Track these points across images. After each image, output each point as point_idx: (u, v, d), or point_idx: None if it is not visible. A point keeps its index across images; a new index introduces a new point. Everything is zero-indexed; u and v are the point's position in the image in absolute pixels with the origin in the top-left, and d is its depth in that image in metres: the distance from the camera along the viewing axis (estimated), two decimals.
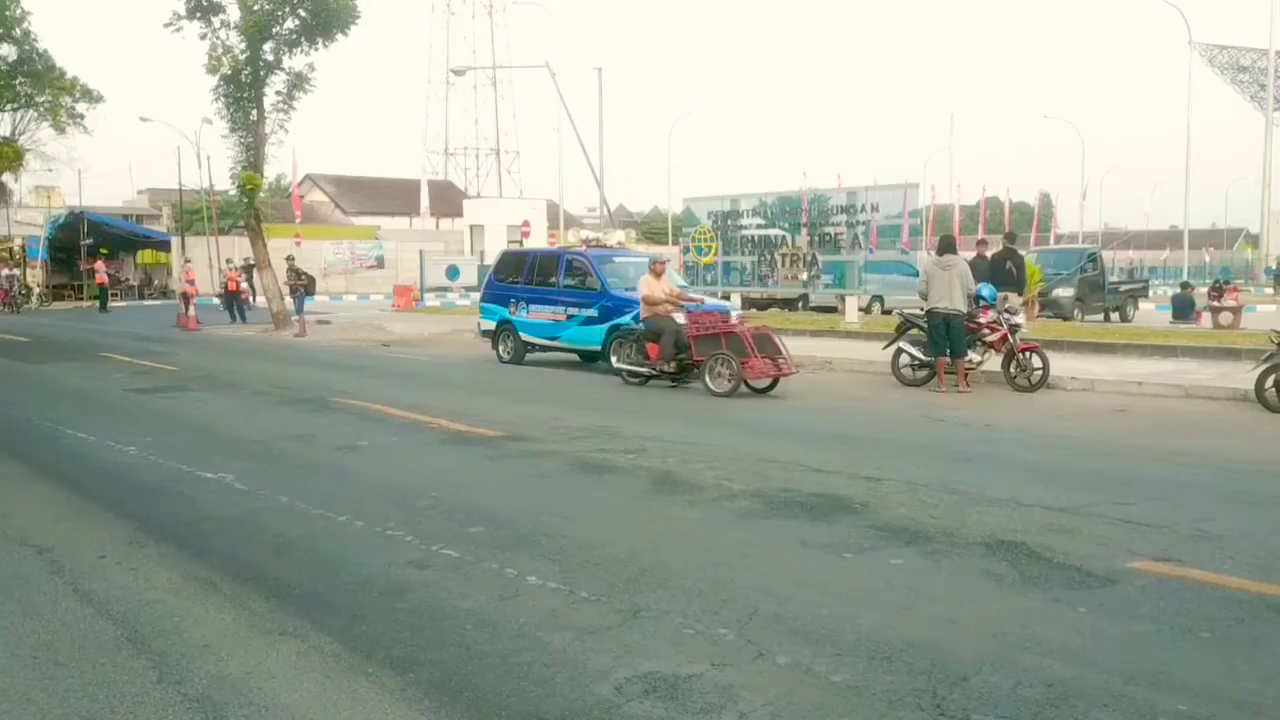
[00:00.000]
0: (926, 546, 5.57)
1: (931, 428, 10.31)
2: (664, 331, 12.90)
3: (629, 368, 13.49)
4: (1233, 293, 24.25)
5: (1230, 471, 7.90)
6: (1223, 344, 15.78)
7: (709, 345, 12.48)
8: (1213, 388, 12.34)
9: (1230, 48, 54.62)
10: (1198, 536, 5.72)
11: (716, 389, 12.24)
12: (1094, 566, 5.12)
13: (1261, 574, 5.01)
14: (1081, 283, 24.73)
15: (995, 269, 14.64)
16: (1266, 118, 48.65)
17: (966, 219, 63.64)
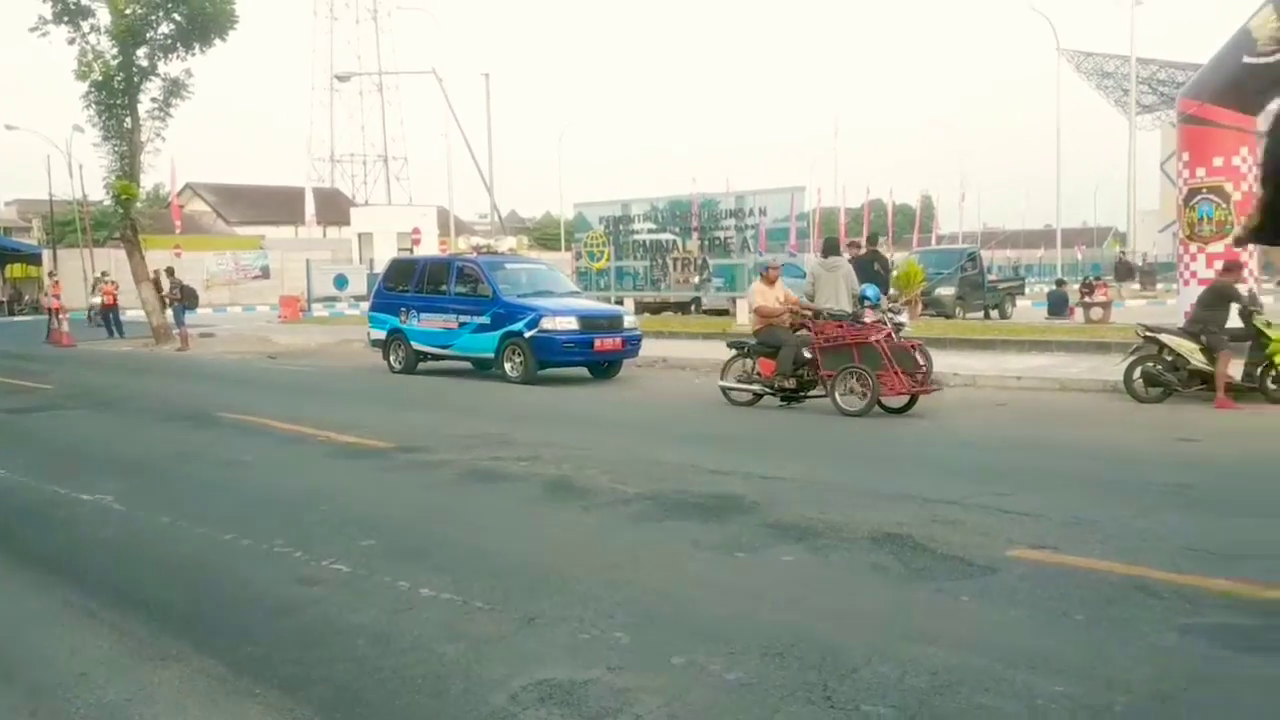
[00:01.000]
0: (816, 542, 5.68)
1: (821, 425, 10.52)
2: (783, 344, 11.55)
3: (737, 386, 11.97)
4: (1103, 289, 25.36)
5: (1102, 460, 8.26)
6: (1094, 338, 16.49)
7: (838, 358, 11.09)
8: (1085, 380, 12.89)
9: (1095, 54, 56.98)
10: (1072, 523, 5.97)
11: (848, 407, 10.82)
12: (976, 556, 5.29)
13: (1131, 557, 5.24)
14: (962, 282, 25.55)
15: (862, 270, 15.02)
16: (1130, 121, 50.89)
17: (852, 221, 65.07)
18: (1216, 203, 15.16)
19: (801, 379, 11.53)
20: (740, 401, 11.84)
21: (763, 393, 11.72)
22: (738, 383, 11.94)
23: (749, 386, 11.83)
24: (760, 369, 11.77)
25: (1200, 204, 15.27)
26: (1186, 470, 7.69)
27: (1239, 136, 15.40)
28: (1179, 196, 15.74)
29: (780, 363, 11.46)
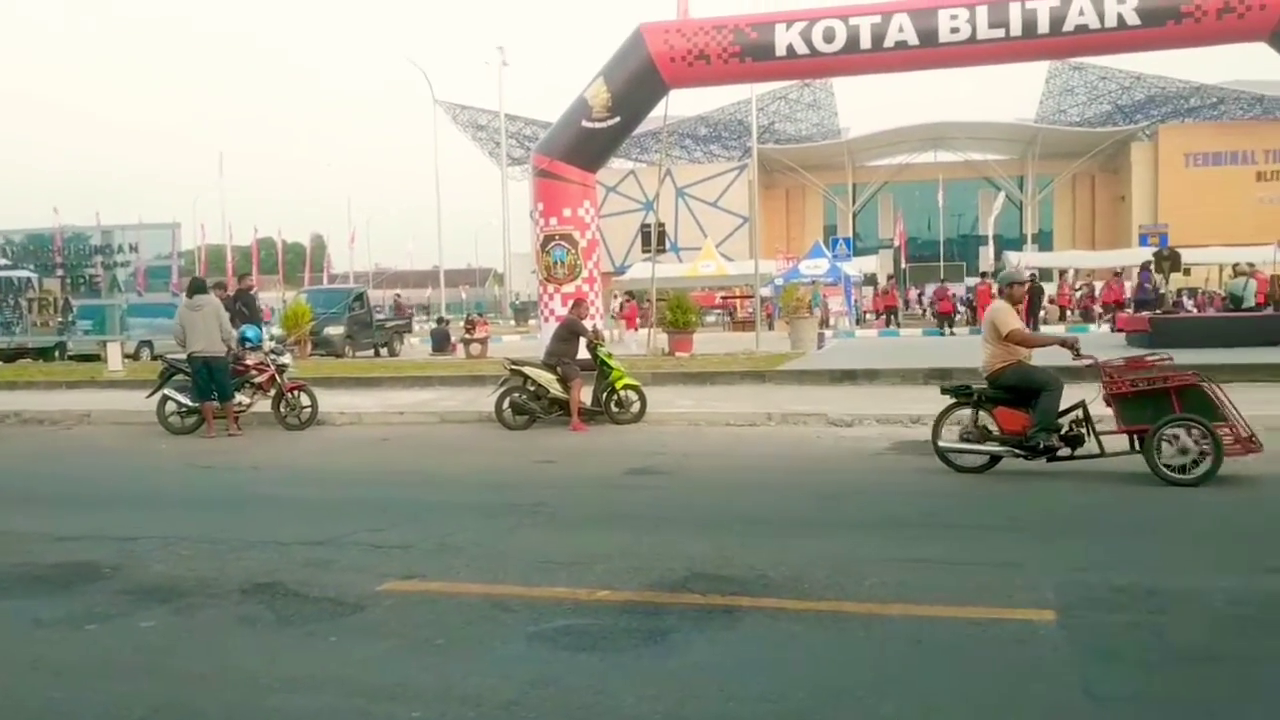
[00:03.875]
0: (181, 602, 5.32)
1: (198, 476, 9.94)
2: (1048, 386, 8.51)
3: (966, 447, 8.76)
4: (483, 326, 27.17)
5: (473, 487, 8.82)
6: (472, 372, 17.56)
7: (1146, 407, 8.25)
8: (463, 412, 13.67)
9: (470, 108, 61.17)
10: (441, 550, 6.27)
11: (1176, 475, 7.84)
12: (347, 595, 5.32)
13: (490, 576, 5.63)
14: (351, 320, 25.80)
15: (229, 309, 14.66)
16: (502, 171, 55.50)
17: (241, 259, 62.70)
18: (568, 248, 17.02)
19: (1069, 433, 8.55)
20: (969, 467, 8.70)
21: (1004, 453, 8.61)
22: (964, 442, 8.81)
23: (984, 448, 8.68)
24: (999, 422, 8.69)
25: (554, 249, 17.04)
26: (544, 489, 8.48)
27: (583, 190, 17.49)
28: (536, 242, 17.45)
29: (1045, 412, 8.40)
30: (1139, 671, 4.06)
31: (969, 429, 8.81)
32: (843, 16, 15.85)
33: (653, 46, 16.60)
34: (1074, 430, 8.46)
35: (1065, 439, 8.46)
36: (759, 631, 4.63)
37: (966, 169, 60.81)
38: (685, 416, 12.82)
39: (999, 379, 8.66)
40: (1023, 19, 15.18)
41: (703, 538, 6.43)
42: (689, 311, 21.78)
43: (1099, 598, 4.97)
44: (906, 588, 5.22)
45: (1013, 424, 8.54)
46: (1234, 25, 14.85)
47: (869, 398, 13.84)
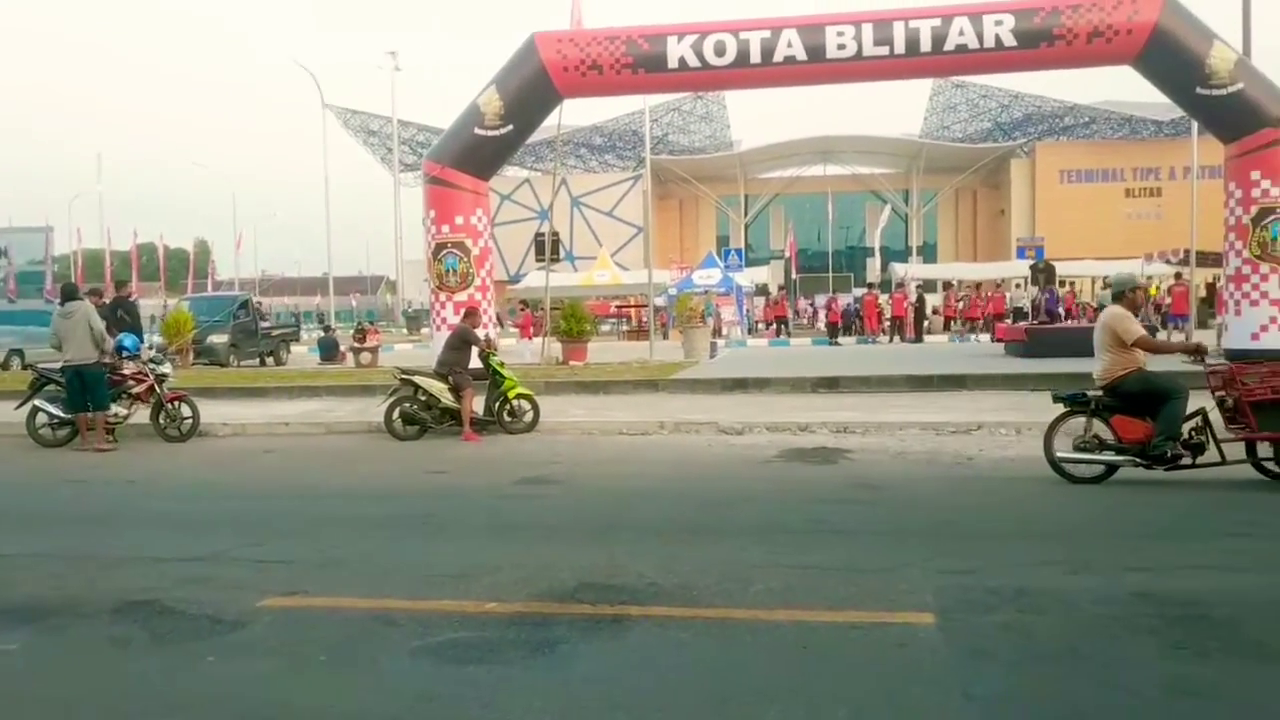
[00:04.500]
0: (48, 623, 5.09)
1: (70, 491, 9.53)
2: (1174, 392, 8.22)
3: (1084, 457, 8.44)
4: (374, 334, 26.69)
5: (358, 498, 8.65)
6: (362, 382, 17.26)
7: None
8: (351, 422, 13.41)
9: (361, 113, 60.17)
10: (324, 565, 6.13)
11: None
12: (226, 612, 5.16)
13: (375, 591, 5.53)
14: (235, 329, 25.08)
15: (108, 317, 14.15)
16: (394, 178, 54.69)
17: (120, 265, 60.52)
18: (460, 256, 16.86)
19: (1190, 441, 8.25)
20: (1084, 477, 8.43)
21: (1124, 463, 8.36)
22: (1080, 452, 8.47)
23: (1105, 458, 8.39)
24: (1117, 431, 8.40)
25: (446, 257, 16.87)
26: (433, 500, 8.39)
27: (476, 198, 17.35)
28: (428, 250, 17.24)
29: (1171, 420, 8.14)
30: (1010, 671, 4.20)
31: (1084, 438, 8.50)
32: (733, 31, 16.08)
33: (545, 55, 16.58)
34: (1194, 438, 8.22)
35: (1187, 446, 8.20)
36: (647, 640, 4.65)
37: (854, 182, 62.25)
38: (578, 425, 12.81)
39: (1120, 386, 8.37)
40: (906, 37, 15.63)
41: (593, 547, 6.43)
42: (583, 320, 21.78)
43: (975, 599, 5.13)
44: (793, 593, 5.30)
45: (1132, 432, 8.29)
46: (1103, 49, 15.53)
47: (759, 406, 14.04)
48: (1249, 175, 15.70)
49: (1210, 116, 16.48)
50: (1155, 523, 7.10)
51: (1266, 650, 4.36)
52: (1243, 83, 15.41)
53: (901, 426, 11.93)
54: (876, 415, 12.59)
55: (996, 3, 15.84)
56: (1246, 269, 15.86)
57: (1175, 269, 30.98)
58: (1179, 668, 4.19)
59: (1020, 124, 58.28)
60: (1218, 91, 15.42)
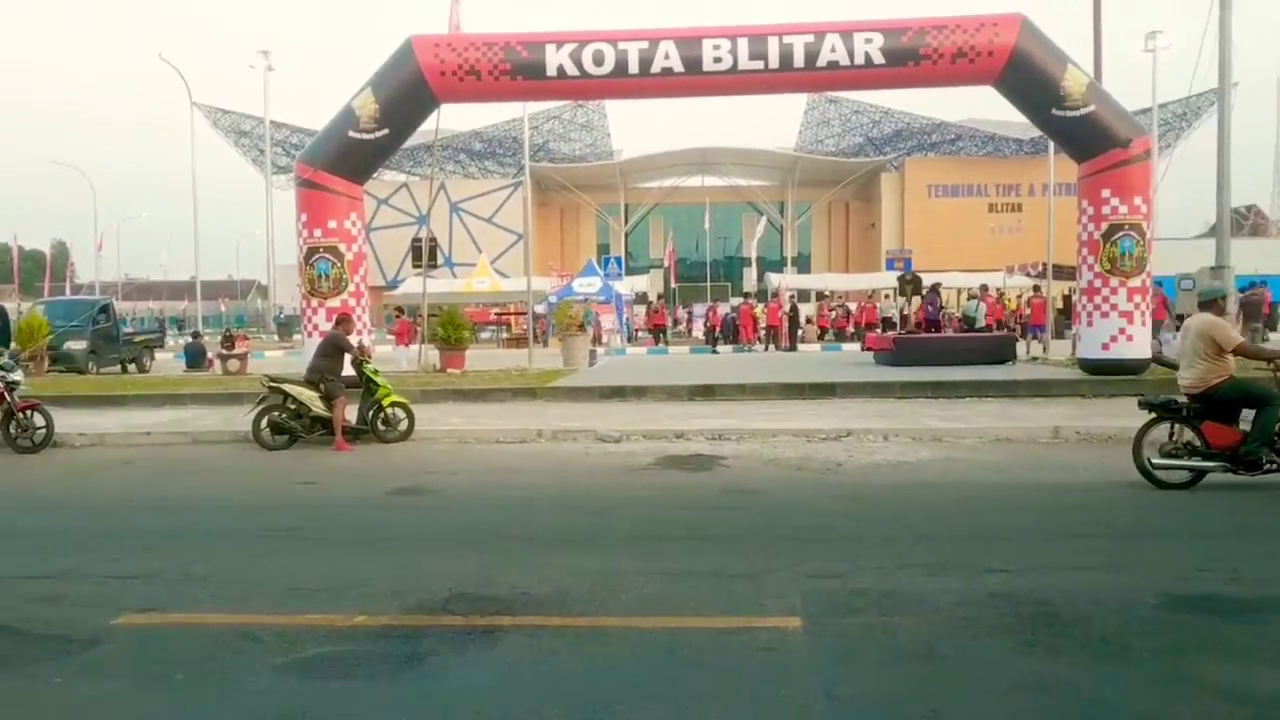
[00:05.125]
0: None
1: None
2: (1271, 399, 8.34)
3: (1175, 463, 8.48)
4: (243, 340, 25.89)
5: (224, 511, 8.38)
6: (229, 389, 16.72)
7: None
8: (218, 431, 12.99)
9: (232, 113, 58.30)
10: (185, 580, 5.92)
11: None
12: (77, 631, 4.94)
13: (239, 605, 5.37)
14: (95, 334, 23.99)
15: None
16: (266, 180, 53.14)
17: None
18: (333, 261, 16.49)
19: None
20: (1173, 483, 8.51)
21: (1215, 469, 8.45)
22: (1169, 458, 8.54)
23: (1196, 463, 8.46)
24: (1207, 437, 8.47)
25: (318, 262, 16.48)
26: (302, 512, 8.17)
27: (350, 202, 17.01)
28: (300, 254, 16.81)
29: (1265, 426, 8.28)
30: (873, 671, 4.33)
31: (1174, 445, 8.59)
32: (612, 41, 16.15)
33: (423, 59, 16.36)
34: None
35: (1277, 452, 8.33)
36: (519, 650, 4.63)
37: (732, 193, 63.16)
38: (455, 434, 12.68)
39: (1215, 394, 8.46)
40: (780, 52, 15.95)
41: (467, 557, 6.37)
42: (461, 328, 21.55)
43: (841, 602, 5.27)
44: (665, 600, 5.35)
45: (1223, 438, 8.40)
46: (966, 69, 16.14)
47: (637, 414, 14.12)
48: (1100, 193, 16.50)
49: (1064, 137, 17.27)
50: (1012, 525, 7.39)
51: (1111, 646, 4.58)
52: (1094, 105, 16.20)
53: (774, 433, 12.16)
54: (750, 422, 12.80)
55: (867, 22, 16.31)
56: (1098, 282, 16.66)
57: (1034, 281, 32.34)
58: (1031, 664, 4.38)
59: (890, 139, 60.02)
60: (1071, 113, 16.18)
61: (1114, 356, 16.52)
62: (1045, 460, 10.36)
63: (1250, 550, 6.38)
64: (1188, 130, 53.26)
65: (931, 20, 16.17)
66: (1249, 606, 5.18)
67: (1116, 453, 10.76)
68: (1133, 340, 16.50)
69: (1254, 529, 7.14)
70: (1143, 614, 5.04)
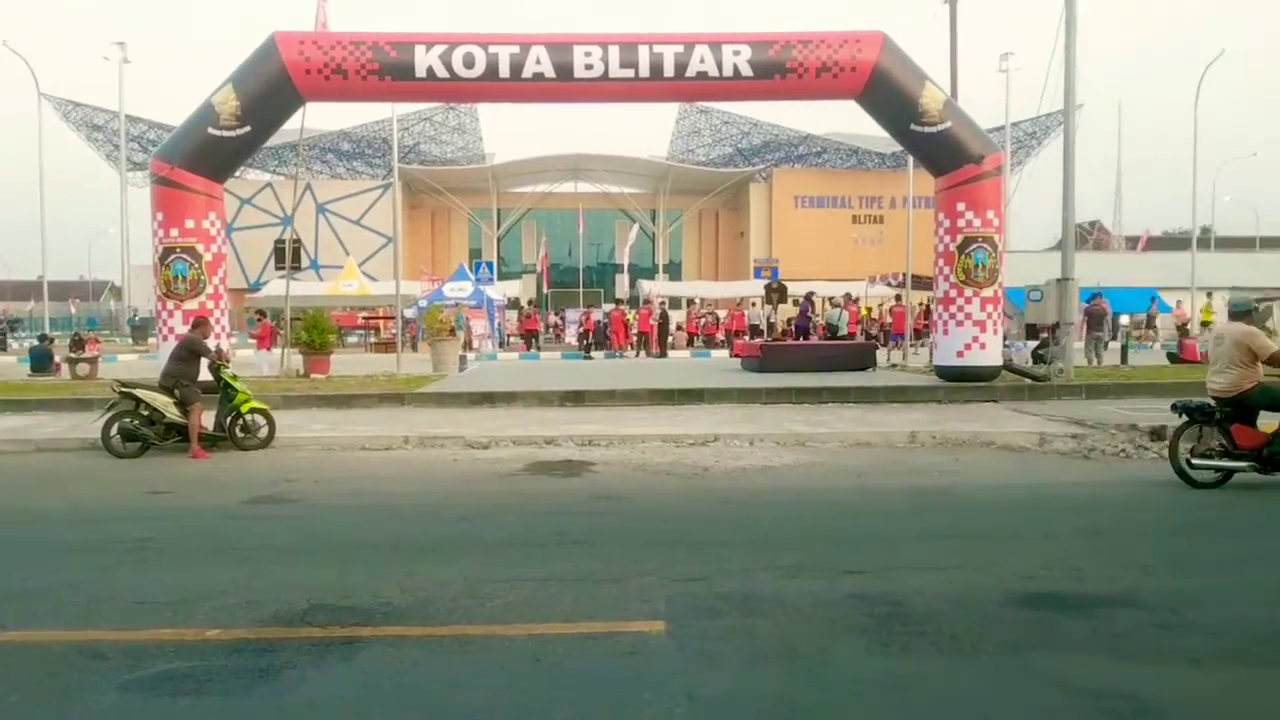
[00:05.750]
0: None
1: None
2: None
3: (1214, 464, 8.94)
4: (94, 344, 24.74)
5: (69, 522, 7.98)
6: (76, 395, 15.97)
7: None
8: (64, 439, 12.38)
9: (85, 105, 55.62)
10: (22, 595, 5.62)
11: None
12: None
13: (82, 622, 5.12)
14: None
15: None
16: (121, 177, 50.91)
17: None
18: (190, 262, 15.91)
19: None
20: (1205, 483, 8.99)
21: (1245, 469, 8.95)
22: (1201, 458, 9.01)
23: (1229, 464, 8.93)
24: (1236, 439, 8.96)
25: (175, 262, 15.88)
26: (153, 523, 7.84)
27: (209, 201, 16.44)
28: (155, 254, 16.15)
29: None
30: (734, 673, 4.40)
31: (1207, 447, 9.09)
32: (483, 44, 16.04)
33: (287, 57, 15.95)
34: None
35: None
36: (379, 661, 4.55)
37: (605, 200, 63.43)
38: (318, 441, 12.37)
39: (1246, 398, 8.99)
40: (650, 61, 16.11)
41: (327, 568, 6.22)
42: (326, 331, 21.04)
43: (704, 606, 5.34)
44: (530, 607, 5.33)
45: (1250, 440, 8.94)
46: (831, 84, 16.60)
47: (507, 420, 14.04)
48: (956, 207, 17.18)
49: (922, 151, 17.92)
50: (871, 527, 7.61)
51: (961, 643, 4.76)
52: (950, 122, 16.87)
53: (644, 439, 12.25)
54: (620, 428, 12.87)
55: (736, 34, 16.62)
56: (953, 292, 17.34)
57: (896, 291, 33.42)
58: (886, 663, 4.53)
59: (759, 150, 61.21)
60: (929, 129, 16.81)
61: (968, 364, 17.21)
62: (902, 463, 10.71)
63: (1091, 548, 6.72)
64: (1038, 148, 55.91)
65: (798, 35, 16.58)
66: (1089, 602, 5.44)
67: (970, 456, 11.24)
68: (985, 348, 17.22)
69: (1100, 529, 7.52)
70: (991, 611, 5.26)
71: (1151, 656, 4.61)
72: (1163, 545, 6.82)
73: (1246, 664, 4.52)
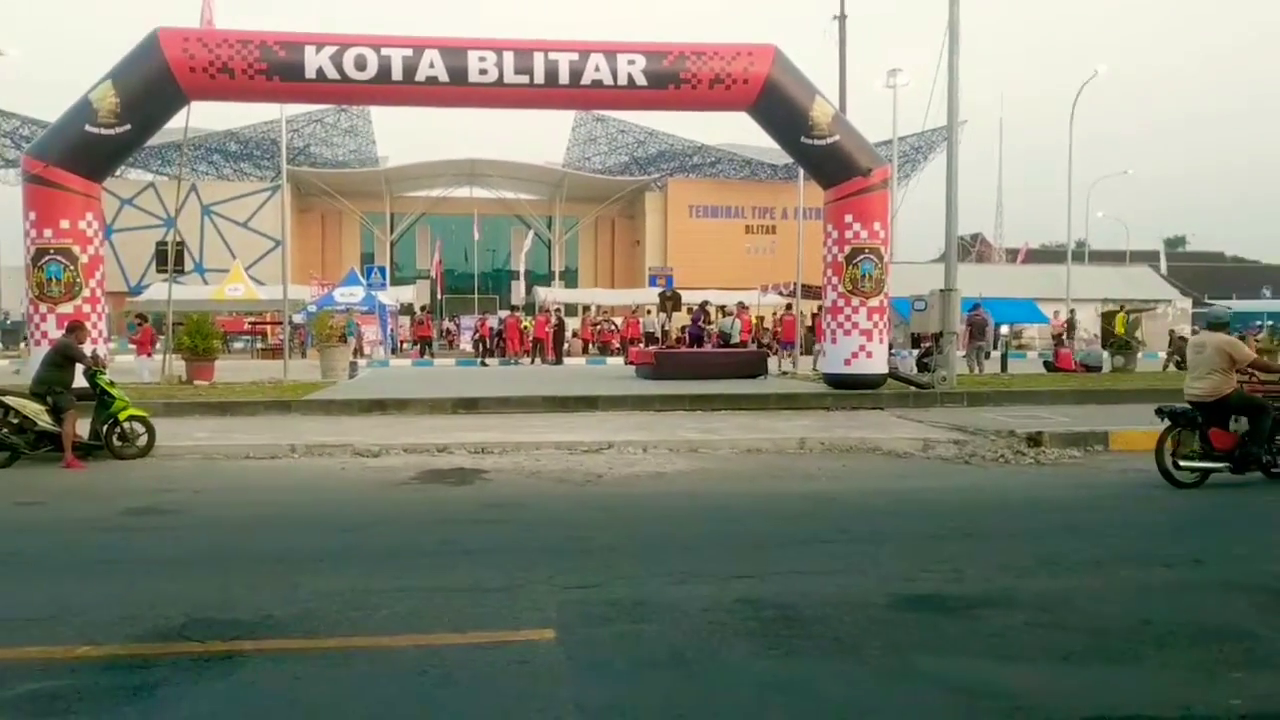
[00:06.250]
0: None
1: None
2: (1268, 407, 9.65)
3: (1198, 465, 9.59)
4: None
5: None
6: None
7: None
8: None
9: None
10: None
11: None
12: None
13: None
14: None
15: None
16: None
17: None
18: (65, 264, 15.30)
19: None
20: (1186, 483, 9.57)
21: (1222, 469, 9.63)
22: (1185, 460, 9.60)
23: (1211, 465, 9.59)
24: (1214, 441, 9.63)
25: (48, 264, 15.25)
26: (21, 535, 7.52)
27: (86, 201, 15.83)
28: (28, 256, 15.47)
29: (1262, 430, 9.57)
30: (622, 680, 4.42)
31: (1188, 449, 9.65)
32: (375, 46, 15.81)
33: (170, 53, 15.46)
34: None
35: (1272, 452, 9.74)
36: (260, 676, 4.44)
37: (501, 206, 63.03)
38: (200, 449, 12.01)
39: (1225, 403, 9.60)
40: (545, 68, 16.10)
41: (208, 580, 6.04)
42: (210, 337, 20.44)
43: (595, 613, 5.35)
44: (418, 618, 5.27)
45: (1225, 442, 9.61)
46: (723, 95, 16.83)
47: (398, 427, 13.85)
48: (844, 218, 17.59)
49: (812, 164, 18.31)
50: (760, 532, 7.72)
51: (845, 645, 4.87)
52: (839, 135, 17.27)
53: (538, 446, 12.22)
54: (514, 435, 12.81)
55: (631, 44, 16.73)
56: (841, 302, 17.73)
57: (787, 300, 34.00)
58: (772, 666, 4.60)
59: (655, 160, 61.57)
60: (819, 142, 17.17)
61: (856, 371, 17.62)
62: (792, 469, 10.90)
63: (970, 551, 6.95)
64: (924, 162, 57.52)
65: (692, 46, 16.77)
66: (967, 603, 5.62)
67: (857, 461, 11.51)
68: (872, 356, 17.66)
69: (979, 532, 7.77)
70: (875, 614, 5.39)
71: (1025, 654, 4.78)
72: (1038, 546, 7.07)
73: (1112, 659, 4.73)
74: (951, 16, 18.09)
